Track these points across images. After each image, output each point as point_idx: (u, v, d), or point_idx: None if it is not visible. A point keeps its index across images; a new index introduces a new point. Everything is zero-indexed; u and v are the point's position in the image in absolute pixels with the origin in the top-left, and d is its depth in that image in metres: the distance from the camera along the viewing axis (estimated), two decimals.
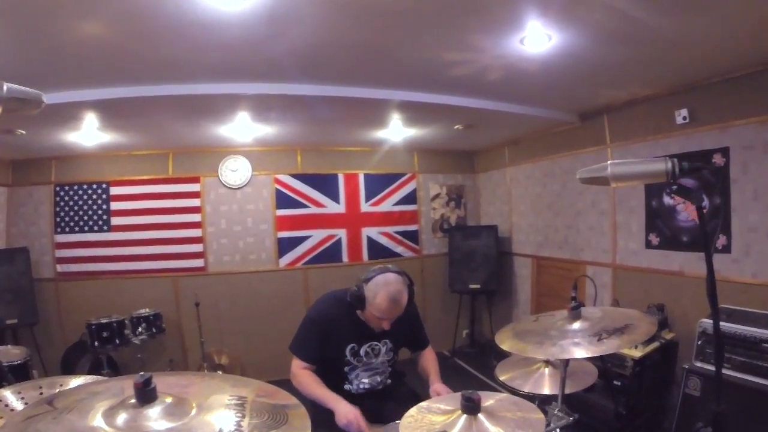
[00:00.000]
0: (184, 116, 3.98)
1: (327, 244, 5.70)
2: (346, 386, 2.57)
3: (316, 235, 5.65)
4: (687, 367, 3.11)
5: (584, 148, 4.59)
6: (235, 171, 5.31)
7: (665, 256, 3.87)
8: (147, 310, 4.66)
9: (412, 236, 6.13)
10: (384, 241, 5.97)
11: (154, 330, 4.61)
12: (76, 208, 4.92)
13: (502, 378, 2.63)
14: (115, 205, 4.93)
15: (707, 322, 3.07)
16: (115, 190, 4.95)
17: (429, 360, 2.74)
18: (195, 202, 5.15)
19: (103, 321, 4.28)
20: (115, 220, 4.93)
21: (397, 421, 2.22)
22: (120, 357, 4.65)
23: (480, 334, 6.32)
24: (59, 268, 4.91)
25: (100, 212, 4.90)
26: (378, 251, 5.92)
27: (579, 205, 4.73)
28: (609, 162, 1.51)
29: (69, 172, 4.96)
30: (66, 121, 3.79)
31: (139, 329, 4.48)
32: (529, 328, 2.20)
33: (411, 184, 6.09)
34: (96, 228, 4.90)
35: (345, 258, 5.77)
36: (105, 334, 4.27)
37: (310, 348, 2.49)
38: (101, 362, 4.33)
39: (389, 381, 2.66)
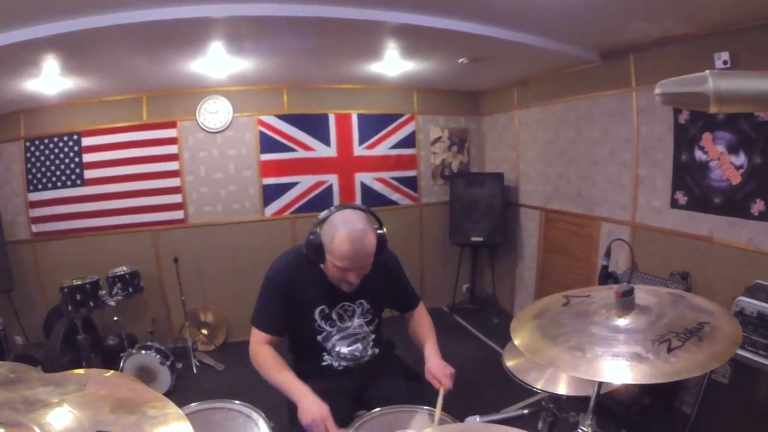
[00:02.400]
0: (147, 50, 3.45)
1: (317, 191, 5.27)
2: (325, 360, 2.15)
3: (305, 182, 5.20)
4: None
5: (604, 90, 4.02)
6: (215, 113, 4.79)
7: (692, 218, 3.39)
8: (123, 268, 4.29)
9: (410, 183, 5.66)
10: (379, 187, 5.52)
11: (130, 289, 4.26)
12: (48, 163, 4.48)
13: (509, 364, 2.19)
14: (87, 157, 4.47)
15: (746, 302, 2.64)
16: (87, 141, 4.47)
17: (422, 325, 2.31)
18: (172, 149, 4.67)
19: (76, 283, 3.91)
20: (89, 173, 4.49)
21: (376, 410, 1.91)
22: (101, 318, 4.34)
23: (481, 290, 5.99)
24: (34, 228, 4.53)
25: (72, 165, 4.46)
26: (373, 198, 5.46)
27: (596, 154, 4.22)
28: (710, 72, 1.03)
29: (38, 125, 4.49)
30: (21, 67, 3.36)
31: (115, 290, 4.12)
32: (556, 317, 1.61)
33: (409, 126, 5.55)
34: (69, 183, 4.47)
35: None
36: (78, 297, 3.91)
37: (271, 315, 2.08)
38: (76, 327, 3.98)
39: (375, 350, 2.23)
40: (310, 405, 1.81)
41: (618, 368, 1.31)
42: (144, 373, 3.98)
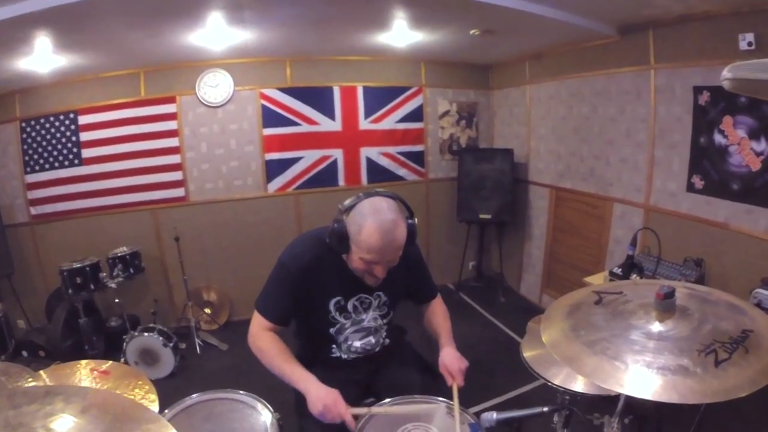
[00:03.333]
0: (143, 22, 3.27)
1: (321, 166, 5.12)
2: (334, 352, 2.04)
3: (309, 156, 5.05)
4: None
5: (622, 67, 3.82)
6: (215, 87, 4.61)
7: (709, 203, 3.26)
8: (124, 248, 4.21)
9: (417, 158, 5.50)
10: (385, 162, 5.37)
11: (131, 270, 4.19)
12: (44, 143, 4.33)
13: (527, 355, 2.10)
14: (85, 136, 4.32)
15: (764, 294, 2.56)
16: (84, 119, 4.31)
17: (437, 315, 2.17)
18: (171, 125, 4.52)
19: (76, 266, 3.83)
20: (87, 152, 4.34)
21: (386, 401, 1.82)
22: (103, 300, 4.28)
23: (488, 267, 5.90)
24: (33, 210, 4.41)
25: (69, 145, 4.31)
26: (378, 174, 5.34)
27: (611, 133, 4.05)
28: None
29: (34, 104, 4.32)
30: (12, 45, 3.19)
31: (116, 271, 4.04)
32: (590, 318, 1.45)
33: (417, 99, 5.35)
34: (67, 163, 4.33)
35: (341, 181, 5.21)
36: (79, 280, 3.84)
37: (280, 303, 1.92)
38: (77, 310, 3.93)
39: (387, 341, 2.12)
40: (319, 392, 1.68)
41: (665, 385, 1.17)
42: (147, 355, 3.95)
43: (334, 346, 2.04)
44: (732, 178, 3.09)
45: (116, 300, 4.00)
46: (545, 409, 1.62)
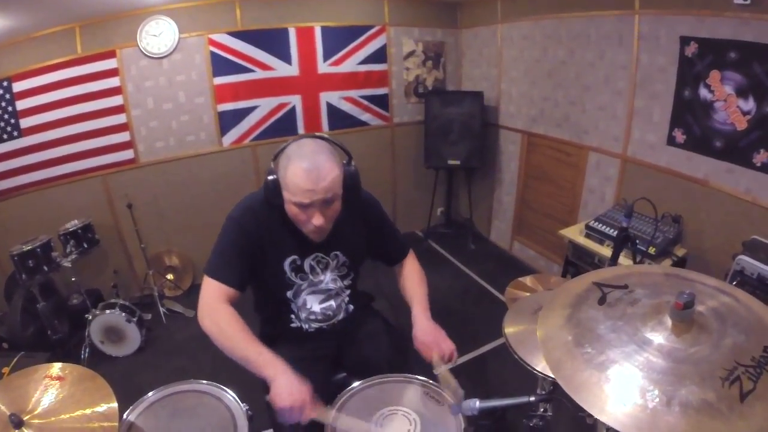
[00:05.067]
0: None
1: (278, 115, 4.77)
2: (294, 322, 1.90)
3: (265, 105, 4.68)
4: None
5: (604, 9, 3.56)
6: (158, 36, 4.07)
7: (690, 158, 3.18)
8: (75, 222, 3.87)
9: (381, 101, 5.18)
10: (347, 107, 5.04)
11: (85, 245, 3.86)
12: None
13: (508, 331, 1.94)
14: (21, 104, 3.78)
15: (747, 261, 2.53)
16: (18, 86, 3.75)
17: (409, 279, 2.03)
18: (114, 82, 4.01)
19: (26, 248, 3.47)
20: (25, 122, 3.82)
21: (355, 384, 1.70)
22: (62, 278, 3.94)
23: (456, 213, 5.80)
24: None
25: (6, 116, 3.76)
26: (340, 119, 5.03)
27: (588, 78, 3.85)
28: None
29: None
30: None
31: (68, 248, 3.71)
32: (594, 326, 1.21)
33: (380, 39, 4.95)
34: (5, 136, 3.80)
35: (301, 129, 4.88)
36: (31, 263, 3.49)
37: (234, 262, 1.73)
38: (34, 296, 3.62)
39: (350, 308, 1.98)
40: (286, 382, 1.48)
41: (687, 427, 0.94)
42: (112, 333, 3.75)
43: (293, 315, 1.90)
44: (715, 135, 2.99)
45: (73, 279, 3.69)
46: (531, 398, 1.53)
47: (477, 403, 1.46)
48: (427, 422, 1.53)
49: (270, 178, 1.68)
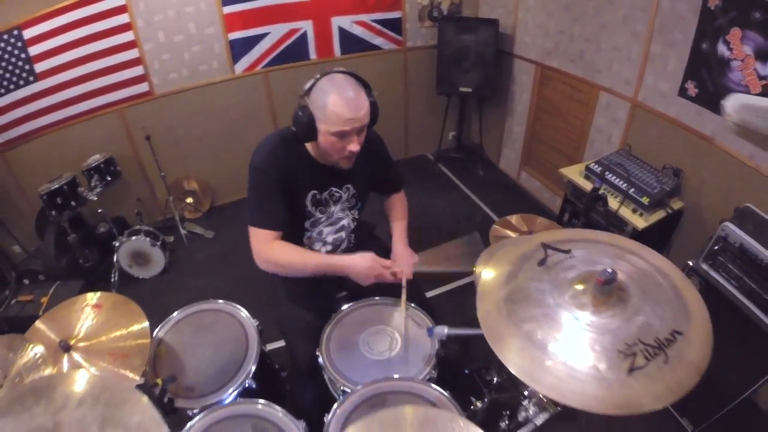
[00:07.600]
0: None
1: (290, 40, 4.68)
2: (305, 244, 2.15)
3: (276, 31, 4.59)
4: (692, 264, 2.64)
5: None
6: None
7: (699, 113, 3.15)
8: (97, 157, 4.02)
9: (394, 25, 5.05)
10: (359, 31, 4.93)
11: (109, 178, 4.04)
12: None
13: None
14: (34, 50, 3.76)
15: (732, 229, 2.56)
16: (29, 33, 3.70)
17: (394, 210, 2.34)
18: (123, 19, 3.94)
19: (53, 187, 3.66)
20: (39, 66, 3.82)
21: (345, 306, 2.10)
22: (89, 209, 4.16)
23: (467, 138, 5.82)
24: None
25: (20, 63, 3.75)
26: (352, 44, 4.94)
27: (606, 16, 3.73)
28: None
29: None
30: None
31: (93, 182, 3.90)
32: (528, 286, 1.34)
33: None
34: (22, 83, 3.82)
35: (313, 54, 4.82)
36: (59, 200, 3.70)
37: (274, 208, 1.91)
38: (65, 229, 3.86)
39: (353, 237, 2.26)
40: (360, 261, 1.86)
41: (575, 389, 1.09)
42: (138, 257, 4.06)
43: (305, 242, 2.14)
44: (728, 94, 2.93)
45: (99, 210, 3.94)
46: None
47: (445, 330, 1.77)
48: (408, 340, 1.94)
49: (300, 113, 1.78)
